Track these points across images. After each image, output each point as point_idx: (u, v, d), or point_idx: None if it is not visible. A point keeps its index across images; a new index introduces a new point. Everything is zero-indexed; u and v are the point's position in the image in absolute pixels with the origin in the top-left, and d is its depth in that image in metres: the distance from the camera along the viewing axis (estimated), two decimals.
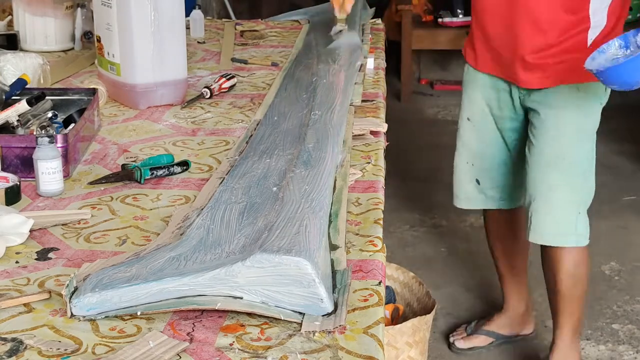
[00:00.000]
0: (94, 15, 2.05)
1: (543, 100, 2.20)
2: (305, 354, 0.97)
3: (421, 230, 3.50)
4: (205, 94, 2.03)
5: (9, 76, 1.92)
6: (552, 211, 2.22)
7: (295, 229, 1.13)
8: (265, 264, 1.04)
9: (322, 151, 1.47)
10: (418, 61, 5.58)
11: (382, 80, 2.18)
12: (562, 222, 2.23)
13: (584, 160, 2.23)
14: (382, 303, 1.09)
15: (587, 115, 2.20)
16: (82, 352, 0.98)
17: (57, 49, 2.48)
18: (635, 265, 3.15)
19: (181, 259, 1.11)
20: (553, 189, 2.22)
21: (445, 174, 4.05)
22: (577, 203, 2.24)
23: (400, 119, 4.67)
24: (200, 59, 2.45)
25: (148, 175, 1.50)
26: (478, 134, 2.37)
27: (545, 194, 2.22)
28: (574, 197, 2.23)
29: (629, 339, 2.71)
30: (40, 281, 1.15)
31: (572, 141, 2.20)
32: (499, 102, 2.30)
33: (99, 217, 1.36)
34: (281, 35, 2.76)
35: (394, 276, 2.50)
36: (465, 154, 2.40)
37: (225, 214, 1.25)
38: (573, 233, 2.24)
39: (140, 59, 1.91)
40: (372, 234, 1.29)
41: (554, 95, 2.18)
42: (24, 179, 1.46)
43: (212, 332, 1.02)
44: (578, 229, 2.24)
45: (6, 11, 2.67)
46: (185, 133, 1.78)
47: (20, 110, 1.62)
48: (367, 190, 1.46)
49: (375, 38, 2.61)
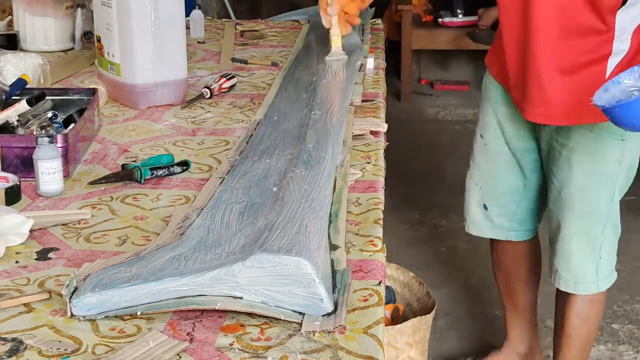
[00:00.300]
0: (94, 15, 2.05)
1: (555, 135, 1.97)
2: (305, 354, 0.97)
3: (421, 230, 3.50)
4: (205, 94, 2.03)
5: (9, 76, 1.92)
6: (569, 260, 2.02)
7: (296, 229, 1.13)
8: (265, 263, 1.04)
9: (322, 151, 1.47)
10: (418, 61, 5.58)
11: (382, 80, 2.18)
12: (581, 273, 2.03)
13: (602, 207, 1.98)
14: (382, 303, 1.09)
15: (602, 159, 1.93)
16: (82, 352, 0.98)
17: (57, 49, 2.48)
18: (635, 265, 3.15)
19: (181, 259, 1.11)
20: (569, 237, 2.01)
21: (445, 174, 4.07)
22: (597, 250, 2.02)
23: (400, 119, 4.67)
24: (200, 59, 2.45)
25: (148, 175, 1.50)
26: (489, 154, 2.14)
27: (563, 239, 2.02)
28: (593, 246, 2.01)
29: (629, 339, 2.71)
30: (40, 281, 1.15)
31: (585, 187, 1.96)
32: (512, 119, 2.06)
33: (99, 217, 1.36)
34: (281, 35, 2.76)
35: (394, 276, 2.50)
36: (477, 174, 2.18)
37: (226, 214, 1.25)
38: (593, 281, 2.04)
39: (140, 59, 1.91)
40: (372, 234, 1.29)
41: (565, 133, 1.94)
42: (24, 179, 1.46)
43: (212, 332, 1.02)
44: (600, 273, 2.04)
45: (6, 11, 2.67)
46: (185, 133, 1.78)
47: (20, 110, 1.62)
48: (367, 190, 1.46)
49: (375, 38, 2.61)
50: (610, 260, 2.06)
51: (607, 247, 2.03)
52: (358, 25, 2.48)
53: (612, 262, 2.07)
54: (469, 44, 5.08)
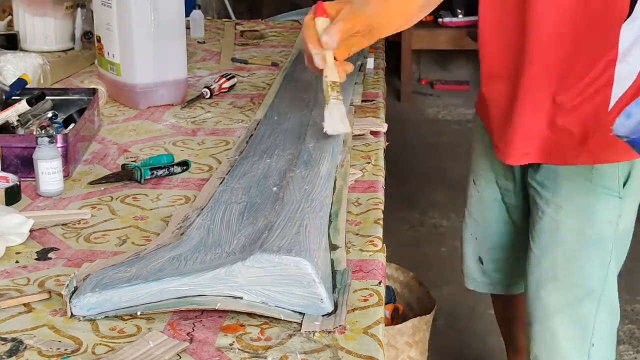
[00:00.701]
0: (94, 15, 2.05)
1: (543, 182, 1.63)
2: (305, 354, 0.97)
3: (421, 230, 3.50)
4: (205, 94, 2.03)
5: (9, 76, 1.92)
6: (552, 346, 1.66)
7: (296, 229, 1.13)
8: (265, 263, 1.04)
9: (322, 151, 1.47)
10: (418, 61, 5.58)
11: (382, 80, 2.18)
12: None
13: (595, 280, 1.62)
14: (382, 303, 1.09)
15: (596, 219, 1.59)
16: (82, 352, 0.98)
17: (57, 49, 2.48)
18: (635, 265, 3.15)
19: (181, 259, 1.11)
20: (551, 315, 1.65)
21: (445, 174, 4.07)
22: (587, 336, 1.63)
23: (400, 119, 4.67)
24: (200, 59, 2.45)
25: (148, 175, 1.50)
26: (482, 202, 1.85)
27: (543, 319, 1.66)
28: (582, 329, 1.64)
29: (629, 339, 2.71)
30: (40, 281, 1.15)
31: (574, 254, 1.62)
32: (504, 169, 1.76)
33: (99, 217, 1.36)
34: (281, 35, 2.76)
35: (394, 276, 2.50)
36: (471, 224, 1.90)
37: (226, 214, 1.25)
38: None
39: (140, 59, 1.91)
40: (372, 234, 1.29)
41: (553, 185, 1.61)
42: (24, 179, 1.46)
43: (212, 332, 1.02)
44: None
45: (6, 11, 2.67)
46: (185, 133, 1.78)
47: (20, 110, 1.62)
48: (367, 190, 1.46)
49: None
50: (607, 355, 1.68)
51: (602, 334, 1.65)
52: None
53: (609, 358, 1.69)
54: (469, 44, 5.08)
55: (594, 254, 1.62)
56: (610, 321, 1.67)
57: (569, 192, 1.59)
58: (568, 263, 1.62)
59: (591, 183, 1.57)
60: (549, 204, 1.62)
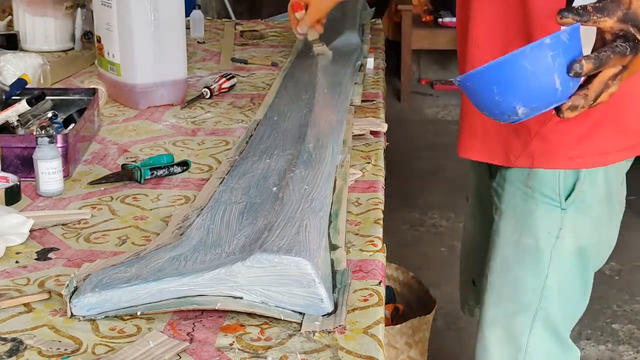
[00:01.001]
0: (94, 15, 2.05)
1: (496, 189, 1.57)
2: (305, 354, 0.97)
3: (421, 230, 3.50)
4: (205, 94, 2.03)
5: (9, 76, 1.92)
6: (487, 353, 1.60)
7: (295, 229, 1.13)
8: (265, 264, 1.04)
9: (322, 151, 1.47)
10: (418, 61, 5.58)
11: (382, 80, 2.18)
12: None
13: (525, 291, 1.52)
14: (382, 303, 1.09)
15: (530, 228, 1.50)
16: (82, 352, 0.98)
17: (57, 49, 2.48)
18: (635, 265, 3.15)
19: (181, 259, 1.11)
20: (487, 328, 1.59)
21: (445, 174, 4.07)
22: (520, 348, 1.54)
23: (400, 119, 4.67)
24: (200, 59, 2.45)
25: (148, 175, 1.50)
26: (475, 221, 1.78)
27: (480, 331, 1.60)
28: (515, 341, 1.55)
29: (628, 339, 2.71)
30: (40, 281, 1.15)
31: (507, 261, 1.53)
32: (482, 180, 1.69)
33: (99, 217, 1.36)
34: (281, 35, 2.76)
35: (394, 276, 2.51)
36: (467, 243, 1.83)
37: (225, 214, 1.25)
38: None
39: (140, 59, 1.91)
40: (372, 234, 1.29)
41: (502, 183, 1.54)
42: (24, 179, 1.46)
43: (212, 332, 1.02)
44: None
45: (6, 11, 2.67)
46: (185, 133, 1.78)
47: (20, 110, 1.62)
48: (367, 190, 1.46)
49: (375, 38, 2.61)
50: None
51: (536, 354, 1.55)
52: (358, 25, 2.48)
53: None
54: None
55: (528, 265, 1.51)
56: (548, 341, 1.55)
57: (509, 197, 1.52)
58: (503, 273, 1.54)
59: (529, 189, 1.49)
60: (496, 211, 1.56)
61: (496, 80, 1.01)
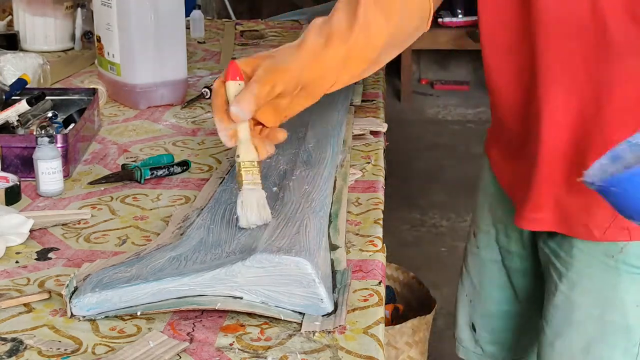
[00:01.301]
0: (94, 15, 2.05)
1: (557, 251, 1.35)
2: (305, 354, 0.97)
3: (421, 230, 3.50)
4: (205, 94, 2.03)
5: (9, 76, 1.92)
6: None
7: (295, 229, 1.13)
8: (265, 263, 1.04)
9: (322, 151, 1.47)
10: (418, 61, 5.58)
11: (382, 80, 2.18)
12: None
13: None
14: (382, 303, 1.09)
15: (616, 298, 1.30)
16: (82, 352, 0.98)
17: (57, 49, 2.48)
18: None
19: (181, 259, 1.11)
20: None
21: (445, 174, 4.07)
22: None
23: (400, 119, 4.68)
24: (200, 59, 2.45)
25: (148, 175, 1.50)
26: (481, 260, 1.57)
27: None
28: None
29: None
30: (40, 281, 1.15)
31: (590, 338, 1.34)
32: (506, 227, 1.48)
33: (99, 217, 1.36)
34: (281, 35, 2.76)
35: (394, 276, 2.51)
36: (467, 283, 1.63)
37: (226, 214, 1.25)
38: None
39: (140, 59, 1.91)
40: (372, 234, 1.29)
41: (569, 247, 1.32)
42: (24, 179, 1.46)
43: (212, 332, 1.02)
44: None
45: (6, 11, 2.67)
46: (185, 133, 1.78)
47: (20, 110, 1.62)
48: (367, 190, 1.46)
49: None
50: None
51: None
52: None
53: None
54: (469, 44, 5.08)
55: (617, 343, 1.32)
56: None
57: (584, 267, 1.31)
58: (586, 351, 1.35)
59: (612, 259, 1.28)
60: (562, 279, 1.34)
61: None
